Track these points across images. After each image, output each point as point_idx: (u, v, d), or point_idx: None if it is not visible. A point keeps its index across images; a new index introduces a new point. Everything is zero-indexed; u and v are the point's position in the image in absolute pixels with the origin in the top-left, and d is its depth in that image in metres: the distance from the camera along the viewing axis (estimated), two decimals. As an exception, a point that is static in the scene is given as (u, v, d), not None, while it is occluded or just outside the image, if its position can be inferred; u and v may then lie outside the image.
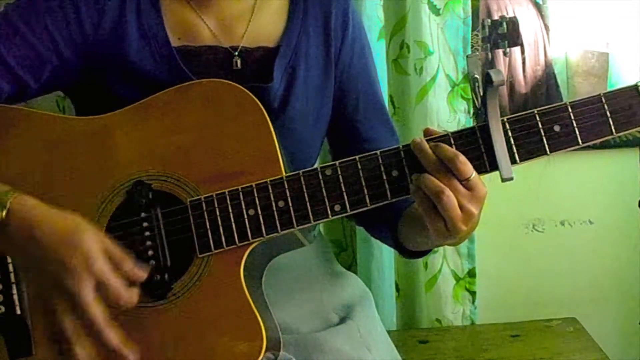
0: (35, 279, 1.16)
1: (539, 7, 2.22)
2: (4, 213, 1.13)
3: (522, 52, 2.24)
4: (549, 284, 2.40)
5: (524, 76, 2.25)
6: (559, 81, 2.24)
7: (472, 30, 2.17)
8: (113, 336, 1.13)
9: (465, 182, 1.18)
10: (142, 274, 1.18)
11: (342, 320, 1.51)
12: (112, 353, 1.14)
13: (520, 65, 2.24)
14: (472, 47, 2.19)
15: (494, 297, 2.38)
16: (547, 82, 2.25)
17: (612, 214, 2.37)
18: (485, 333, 2.18)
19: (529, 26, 2.23)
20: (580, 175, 2.37)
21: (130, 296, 1.16)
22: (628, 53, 2.21)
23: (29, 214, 1.14)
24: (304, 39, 1.47)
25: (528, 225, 2.39)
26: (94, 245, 1.12)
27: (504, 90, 2.23)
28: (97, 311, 1.11)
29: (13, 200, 1.14)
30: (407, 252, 1.49)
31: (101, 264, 1.11)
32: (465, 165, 1.17)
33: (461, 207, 1.17)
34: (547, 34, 2.23)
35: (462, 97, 2.09)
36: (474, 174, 1.18)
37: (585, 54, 2.25)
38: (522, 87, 2.25)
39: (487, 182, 2.20)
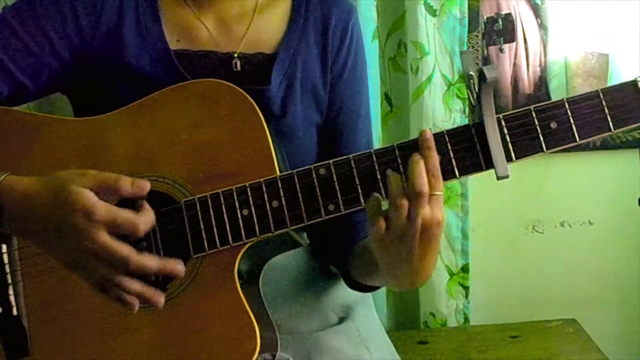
0: (51, 249, 1.16)
1: (537, 8, 2.22)
2: None
3: (527, 53, 2.24)
4: (548, 284, 2.40)
5: (528, 76, 2.25)
6: (556, 83, 2.25)
7: (472, 31, 2.18)
8: (150, 260, 1.14)
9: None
10: (143, 183, 1.16)
11: (341, 320, 1.52)
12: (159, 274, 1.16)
13: (524, 65, 2.25)
14: (472, 48, 2.19)
15: (494, 297, 2.39)
16: (541, 87, 2.26)
17: (612, 214, 2.36)
18: (485, 334, 2.18)
19: (527, 27, 2.23)
20: (580, 176, 2.37)
21: (146, 218, 1.15)
22: (628, 54, 2.21)
23: (19, 194, 1.13)
24: (303, 45, 1.47)
25: (528, 226, 2.38)
26: (85, 194, 1.10)
27: (508, 91, 2.24)
28: (122, 249, 1.11)
29: (1, 184, 1.14)
30: (355, 284, 1.47)
31: (101, 209, 1.10)
32: (438, 180, 1.15)
33: (412, 215, 1.13)
34: (546, 35, 2.23)
35: (458, 97, 2.11)
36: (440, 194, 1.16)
37: (585, 55, 2.25)
38: (526, 87, 2.25)
39: (488, 182, 2.20)
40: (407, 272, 1.19)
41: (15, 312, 1.27)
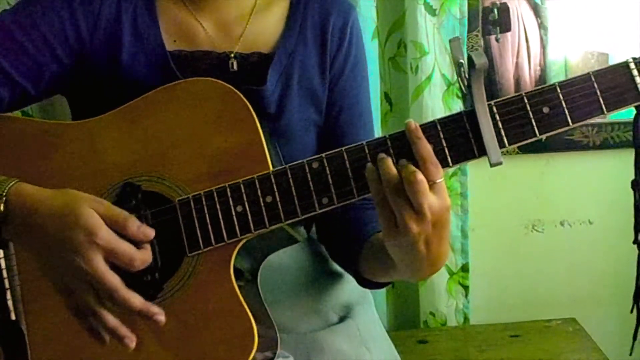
0: (46, 262, 1.16)
1: (537, 8, 2.22)
2: (2, 205, 1.14)
3: (529, 52, 2.24)
4: (548, 284, 2.41)
5: (530, 76, 2.25)
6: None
7: (472, 31, 2.19)
8: (135, 298, 1.13)
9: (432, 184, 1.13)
10: (149, 231, 1.17)
11: (342, 319, 1.52)
12: (139, 315, 1.15)
13: (526, 64, 2.25)
14: (472, 48, 2.20)
15: (494, 297, 2.39)
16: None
17: (611, 214, 2.37)
18: (485, 333, 2.18)
19: (528, 27, 2.23)
20: (580, 176, 2.37)
21: (143, 257, 1.16)
22: (628, 53, 2.20)
23: (26, 201, 1.14)
24: (300, 46, 1.47)
25: (528, 226, 2.39)
26: (93, 216, 1.11)
27: (511, 90, 2.25)
28: (113, 280, 1.11)
29: (9, 190, 1.15)
30: (366, 282, 1.45)
31: (104, 233, 1.11)
32: (437, 167, 1.14)
33: (416, 205, 1.12)
34: (546, 35, 2.23)
35: (458, 96, 2.12)
36: (440, 180, 1.14)
37: (585, 55, 2.25)
38: (528, 87, 2.25)
39: (488, 182, 2.19)
40: (428, 262, 1.17)
41: (13, 317, 1.27)
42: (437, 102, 2.11)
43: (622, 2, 2.19)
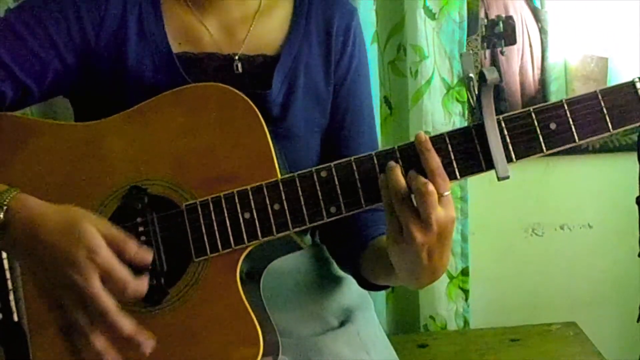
0: (41, 276, 1.14)
1: (537, 12, 2.22)
2: (2, 214, 1.12)
3: (532, 57, 2.24)
4: (548, 288, 2.41)
5: (533, 80, 2.25)
6: (556, 86, 2.25)
7: (472, 34, 2.19)
8: (126, 323, 1.11)
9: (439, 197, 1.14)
10: (147, 255, 1.15)
11: (342, 324, 1.51)
12: (127, 341, 1.12)
13: (530, 68, 2.25)
14: (471, 51, 2.20)
15: (494, 301, 2.39)
16: (540, 90, 2.26)
17: (611, 218, 2.37)
18: (485, 337, 2.18)
19: (530, 31, 2.23)
20: (580, 180, 2.37)
21: (137, 286, 1.12)
22: (627, 57, 2.21)
23: (28, 212, 1.13)
24: (305, 48, 1.47)
25: (527, 230, 2.39)
26: (96, 235, 1.10)
27: (518, 94, 2.25)
28: (106, 300, 1.09)
29: (11, 200, 1.13)
30: (365, 282, 1.46)
31: (105, 253, 1.09)
32: (445, 180, 1.15)
33: (424, 216, 1.13)
34: (546, 38, 2.23)
35: (457, 100, 2.12)
36: (448, 192, 1.15)
37: (584, 59, 2.25)
38: (531, 91, 2.26)
39: (487, 186, 2.20)
40: (428, 271, 1.18)
41: (16, 318, 1.26)
42: (437, 106, 2.11)
43: (622, 6, 2.19)
